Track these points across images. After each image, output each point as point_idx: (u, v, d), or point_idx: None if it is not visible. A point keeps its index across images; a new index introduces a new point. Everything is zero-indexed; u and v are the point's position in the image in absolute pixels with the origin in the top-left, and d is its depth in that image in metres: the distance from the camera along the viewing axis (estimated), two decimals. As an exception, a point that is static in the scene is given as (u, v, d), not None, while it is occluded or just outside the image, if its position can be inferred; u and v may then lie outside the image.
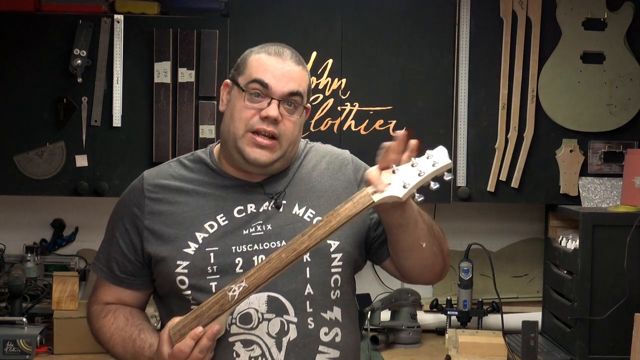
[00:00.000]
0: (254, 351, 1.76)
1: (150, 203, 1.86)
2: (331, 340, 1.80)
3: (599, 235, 2.92)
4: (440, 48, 3.23)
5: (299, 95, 1.83)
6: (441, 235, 1.88)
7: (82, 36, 3.08)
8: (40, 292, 3.24)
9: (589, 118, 3.24)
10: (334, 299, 1.83)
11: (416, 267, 1.87)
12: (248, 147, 1.80)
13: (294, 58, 1.86)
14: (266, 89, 1.80)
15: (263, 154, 1.81)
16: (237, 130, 1.81)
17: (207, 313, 1.69)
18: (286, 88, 1.81)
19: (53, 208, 3.49)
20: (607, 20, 3.20)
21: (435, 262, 1.87)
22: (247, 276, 1.69)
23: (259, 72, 1.82)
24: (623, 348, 2.74)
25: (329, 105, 3.21)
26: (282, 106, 1.81)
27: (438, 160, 1.70)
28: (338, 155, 1.97)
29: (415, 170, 1.69)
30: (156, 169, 1.93)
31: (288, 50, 1.87)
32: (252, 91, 1.81)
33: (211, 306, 1.69)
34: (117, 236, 1.88)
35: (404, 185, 1.68)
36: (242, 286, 1.68)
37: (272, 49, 1.86)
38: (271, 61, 1.83)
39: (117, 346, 1.86)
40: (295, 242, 1.69)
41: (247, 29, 3.15)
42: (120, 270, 1.88)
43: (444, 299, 3.34)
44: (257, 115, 1.80)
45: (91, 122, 3.14)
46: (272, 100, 1.80)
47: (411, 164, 1.69)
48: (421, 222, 1.79)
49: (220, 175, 1.88)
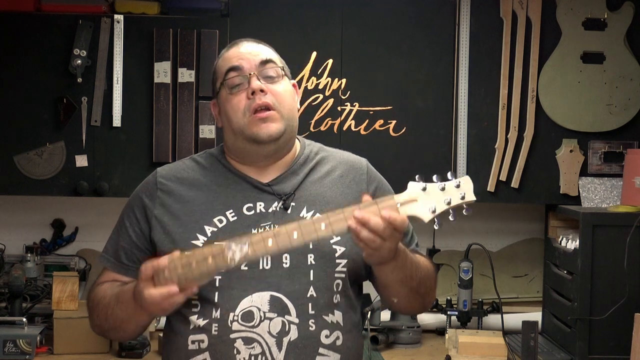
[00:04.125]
0: (255, 349, 1.76)
1: (162, 195, 1.88)
2: (332, 344, 1.80)
3: (599, 235, 2.92)
4: (440, 48, 3.23)
5: (271, 62, 1.89)
6: (428, 290, 1.88)
7: (82, 36, 3.08)
8: (40, 292, 3.24)
9: (589, 118, 3.24)
10: (335, 303, 1.83)
11: (388, 303, 1.91)
12: (255, 128, 1.83)
13: (249, 40, 1.93)
14: (239, 70, 1.86)
15: (269, 126, 1.84)
16: (239, 120, 1.85)
17: (199, 266, 1.66)
18: (256, 60, 1.87)
19: (53, 208, 3.49)
20: (607, 20, 3.20)
21: (410, 307, 1.92)
22: (252, 242, 1.66)
23: (226, 64, 1.90)
24: (623, 348, 2.75)
25: (329, 105, 3.21)
26: (262, 79, 1.86)
27: (467, 194, 1.68)
28: (354, 164, 1.97)
29: (444, 196, 1.67)
30: (169, 165, 1.97)
31: (244, 40, 1.94)
32: (230, 81, 1.86)
33: (205, 258, 1.66)
34: (126, 225, 1.91)
35: (432, 210, 1.66)
36: (244, 251, 1.65)
37: (229, 46, 1.95)
38: (231, 51, 1.92)
39: (107, 298, 1.85)
40: (310, 226, 1.66)
41: (247, 29, 3.15)
42: (128, 258, 1.90)
43: (444, 299, 3.34)
44: (246, 97, 1.84)
45: (91, 122, 3.14)
46: (250, 75, 1.85)
47: (441, 188, 1.68)
48: (398, 281, 1.80)
49: (232, 173, 1.91)
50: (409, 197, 1.68)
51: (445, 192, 1.67)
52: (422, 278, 1.84)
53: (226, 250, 1.66)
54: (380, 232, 1.63)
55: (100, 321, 1.87)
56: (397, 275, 1.78)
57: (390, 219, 1.63)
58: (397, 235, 1.66)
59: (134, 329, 1.86)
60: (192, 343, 1.79)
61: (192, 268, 1.66)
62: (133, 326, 1.85)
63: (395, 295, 1.85)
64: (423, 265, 1.86)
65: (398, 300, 1.86)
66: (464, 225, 3.56)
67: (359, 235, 1.64)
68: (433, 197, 1.67)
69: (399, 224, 1.64)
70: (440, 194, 1.67)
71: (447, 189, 1.67)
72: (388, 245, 1.66)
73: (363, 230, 1.63)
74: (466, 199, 1.67)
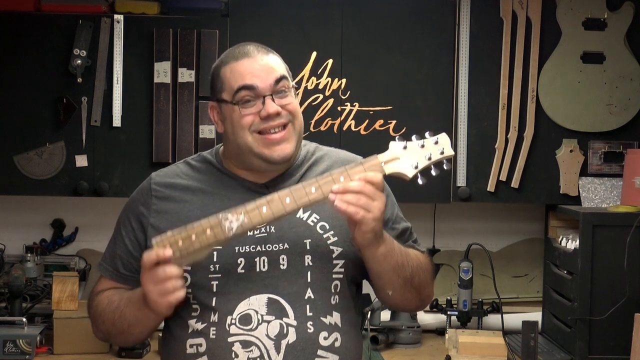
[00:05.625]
0: (253, 352, 1.75)
1: (157, 202, 1.87)
2: (330, 345, 1.80)
3: (599, 235, 2.92)
4: (440, 48, 3.22)
5: (284, 78, 1.84)
6: (422, 282, 1.87)
7: (82, 36, 3.08)
8: (40, 292, 3.25)
9: (589, 118, 3.24)
10: (333, 304, 1.82)
11: (383, 299, 1.91)
12: (265, 150, 1.81)
13: (260, 50, 1.86)
14: (254, 90, 1.81)
15: (284, 148, 1.82)
16: (246, 139, 1.82)
17: (198, 239, 1.68)
18: (270, 79, 1.82)
19: (53, 208, 3.49)
20: (607, 20, 3.20)
21: (407, 302, 1.90)
22: (247, 210, 1.68)
23: (238, 79, 1.82)
24: (623, 348, 2.75)
25: (329, 105, 3.20)
26: (275, 97, 1.82)
27: (445, 149, 1.74)
28: (349, 162, 1.96)
29: (424, 152, 1.73)
30: (163, 170, 1.95)
31: (251, 46, 1.87)
32: (243, 100, 1.81)
33: (204, 231, 1.68)
34: (123, 234, 1.90)
35: (415, 166, 1.73)
36: (241, 219, 1.67)
37: (236, 52, 1.86)
38: (242, 64, 1.83)
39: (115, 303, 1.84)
40: (301, 190, 1.69)
41: (247, 29, 3.15)
42: (125, 267, 1.89)
43: (444, 299, 3.34)
44: (256, 117, 1.81)
45: (91, 122, 3.14)
46: (266, 97, 1.81)
47: (420, 145, 1.73)
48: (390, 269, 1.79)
49: (226, 175, 1.89)
50: (392, 156, 1.74)
51: (425, 148, 1.74)
52: (414, 268, 1.83)
53: (223, 220, 1.68)
54: (361, 189, 1.67)
55: (107, 326, 1.86)
56: (389, 262, 1.77)
57: (366, 178, 1.68)
58: (379, 193, 1.69)
59: (141, 332, 1.85)
60: (190, 347, 1.79)
61: (192, 241, 1.67)
62: (140, 329, 1.83)
63: (389, 286, 1.83)
64: (414, 255, 1.86)
65: (392, 292, 1.85)
66: (464, 225, 3.56)
67: (343, 199, 1.66)
68: (414, 154, 1.73)
69: (376, 180, 1.68)
70: (421, 150, 1.74)
71: (427, 145, 1.74)
72: (376, 204, 1.67)
73: (346, 194, 1.66)
74: (445, 153, 1.74)
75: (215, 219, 1.68)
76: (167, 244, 1.68)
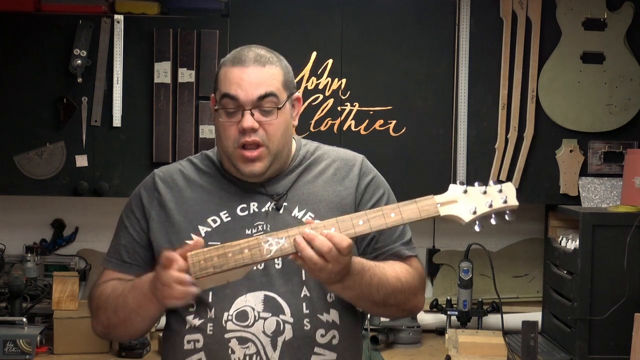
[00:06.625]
0: (249, 349, 1.76)
1: (160, 196, 1.89)
2: (327, 343, 1.80)
3: (599, 235, 2.92)
4: (440, 48, 3.23)
5: (271, 95, 1.81)
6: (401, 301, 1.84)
7: (82, 36, 3.08)
8: (40, 292, 3.24)
9: (589, 118, 3.24)
10: (330, 302, 1.83)
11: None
12: (240, 162, 1.83)
13: (257, 61, 1.82)
14: (235, 100, 1.81)
15: (254, 166, 1.83)
16: (227, 148, 1.84)
17: (234, 257, 1.63)
18: (254, 94, 1.80)
19: (53, 208, 3.49)
20: (607, 20, 3.20)
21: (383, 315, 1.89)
22: (289, 234, 1.64)
23: (225, 86, 1.82)
24: (623, 348, 2.74)
25: (329, 105, 3.21)
26: (257, 112, 1.81)
27: (509, 198, 1.68)
28: (348, 160, 1.96)
29: (486, 199, 1.67)
30: (167, 167, 1.97)
31: (252, 52, 1.84)
32: (225, 107, 1.82)
33: (241, 250, 1.64)
34: (127, 225, 1.91)
35: (473, 211, 1.66)
36: (281, 244, 1.63)
37: (236, 56, 1.85)
38: (234, 72, 1.82)
39: (119, 290, 1.83)
40: (348, 222, 1.65)
41: (247, 29, 3.15)
42: (130, 256, 1.90)
43: (444, 299, 3.34)
44: (237, 130, 1.81)
45: (91, 122, 3.14)
46: (245, 111, 1.80)
47: (483, 191, 1.68)
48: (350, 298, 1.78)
49: (226, 174, 1.91)
50: (450, 198, 1.68)
51: (487, 195, 1.67)
52: (388, 293, 1.79)
53: (262, 242, 1.65)
54: (324, 253, 1.61)
55: (108, 314, 1.84)
56: (349, 294, 1.76)
57: (333, 240, 1.61)
58: (342, 259, 1.64)
59: (142, 321, 1.82)
60: (187, 343, 1.80)
61: (227, 258, 1.64)
62: (141, 317, 1.80)
63: (357, 305, 1.85)
64: (392, 278, 1.81)
65: (362, 310, 1.87)
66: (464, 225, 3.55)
67: (302, 251, 1.62)
68: (474, 200, 1.67)
69: (341, 246, 1.62)
70: (482, 197, 1.67)
71: (489, 192, 1.68)
72: (330, 268, 1.63)
73: (307, 248, 1.62)
74: (508, 203, 1.67)
75: (254, 240, 1.65)
76: (202, 258, 1.65)
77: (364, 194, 1.91)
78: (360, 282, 1.74)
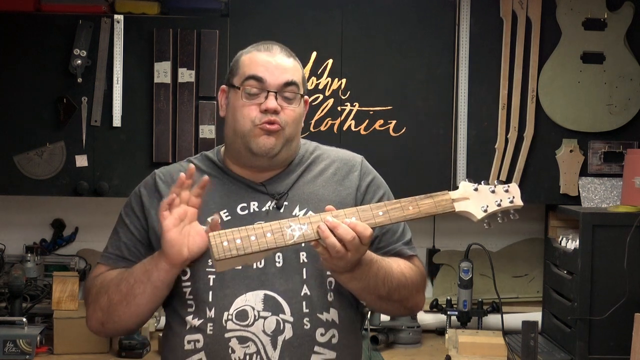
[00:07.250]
0: (249, 348, 1.77)
1: (160, 195, 1.89)
2: (327, 342, 1.81)
3: (599, 235, 2.92)
4: (440, 48, 3.23)
5: (294, 84, 1.88)
6: (404, 297, 1.86)
7: (82, 36, 3.08)
8: (40, 292, 3.24)
9: (589, 118, 3.24)
10: (330, 301, 1.83)
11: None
12: (255, 139, 1.84)
13: (283, 52, 1.92)
14: (262, 82, 1.85)
15: (269, 140, 1.85)
16: (243, 127, 1.86)
17: (258, 240, 1.63)
18: (281, 79, 1.86)
19: (53, 208, 3.49)
20: (607, 20, 3.20)
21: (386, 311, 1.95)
22: (311, 221, 1.65)
23: (251, 68, 1.87)
24: (623, 348, 2.74)
25: (329, 105, 3.21)
26: (280, 97, 1.85)
27: (515, 198, 1.76)
28: (348, 161, 1.98)
29: (495, 198, 1.75)
30: (167, 167, 1.99)
31: (277, 45, 1.93)
32: (248, 88, 1.86)
33: (264, 234, 1.64)
34: (127, 223, 1.91)
35: (485, 209, 1.74)
36: (304, 230, 1.65)
37: (261, 46, 1.92)
38: (262, 56, 1.88)
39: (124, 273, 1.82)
40: (368, 211, 1.68)
41: (247, 29, 3.15)
42: (131, 253, 1.89)
43: (444, 299, 3.34)
44: (258, 110, 1.85)
45: (91, 122, 3.14)
46: (269, 93, 1.85)
47: (491, 190, 1.75)
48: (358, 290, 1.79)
49: (226, 174, 1.93)
50: (462, 195, 1.75)
51: (495, 194, 1.76)
52: (393, 287, 1.81)
53: (285, 227, 1.65)
54: (346, 241, 1.64)
55: (110, 293, 1.80)
56: (356, 285, 1.77)
57: (356, 229, 1.64)
58: (362, 248, 1.67)
59: (144, 295, 1.78)
60: (188, 343, 1.80)
61: (250, 242, 1.64)
62: (144, 289, 1.77)
63: (361, 298, 1.86)
64: (397, 273, 1.83)
65: (366, 303, 1.88)
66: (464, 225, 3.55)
67: (325, 239, 1.64)
68: (484, 198, 1.75)
69: (363, 235, 1.65)
70: (491, 195, 1.75)
71: (497, 192, 1.76)
72: (350, 256, 1.66)
73: (330, 235, 1.64)
74: (515, 203, 1.76)
75: (277, 224, 1.66)
76: (225, 239, 1.64)
77: (365, 195, 1.93)
78: (368, 274, 1.75)
